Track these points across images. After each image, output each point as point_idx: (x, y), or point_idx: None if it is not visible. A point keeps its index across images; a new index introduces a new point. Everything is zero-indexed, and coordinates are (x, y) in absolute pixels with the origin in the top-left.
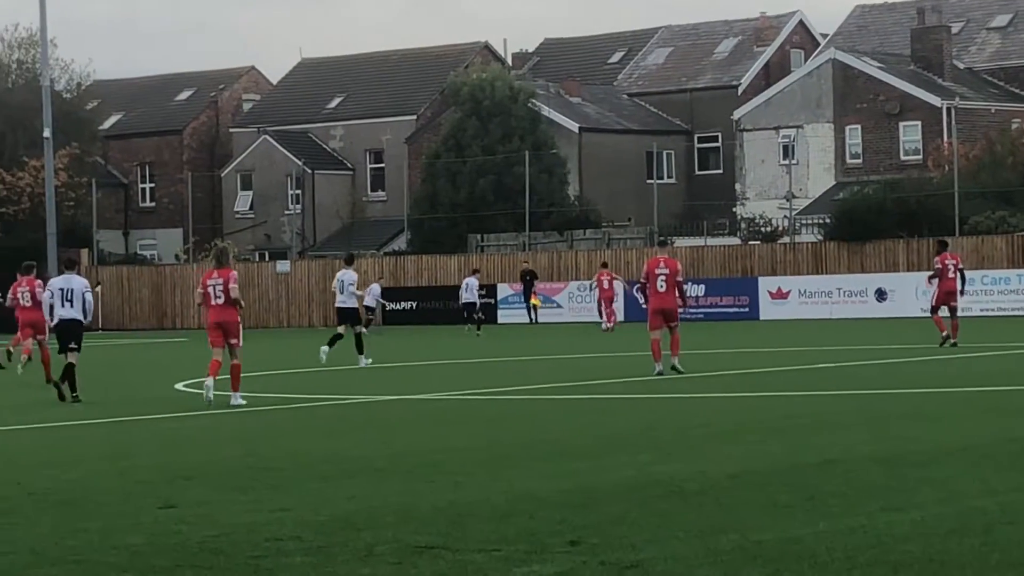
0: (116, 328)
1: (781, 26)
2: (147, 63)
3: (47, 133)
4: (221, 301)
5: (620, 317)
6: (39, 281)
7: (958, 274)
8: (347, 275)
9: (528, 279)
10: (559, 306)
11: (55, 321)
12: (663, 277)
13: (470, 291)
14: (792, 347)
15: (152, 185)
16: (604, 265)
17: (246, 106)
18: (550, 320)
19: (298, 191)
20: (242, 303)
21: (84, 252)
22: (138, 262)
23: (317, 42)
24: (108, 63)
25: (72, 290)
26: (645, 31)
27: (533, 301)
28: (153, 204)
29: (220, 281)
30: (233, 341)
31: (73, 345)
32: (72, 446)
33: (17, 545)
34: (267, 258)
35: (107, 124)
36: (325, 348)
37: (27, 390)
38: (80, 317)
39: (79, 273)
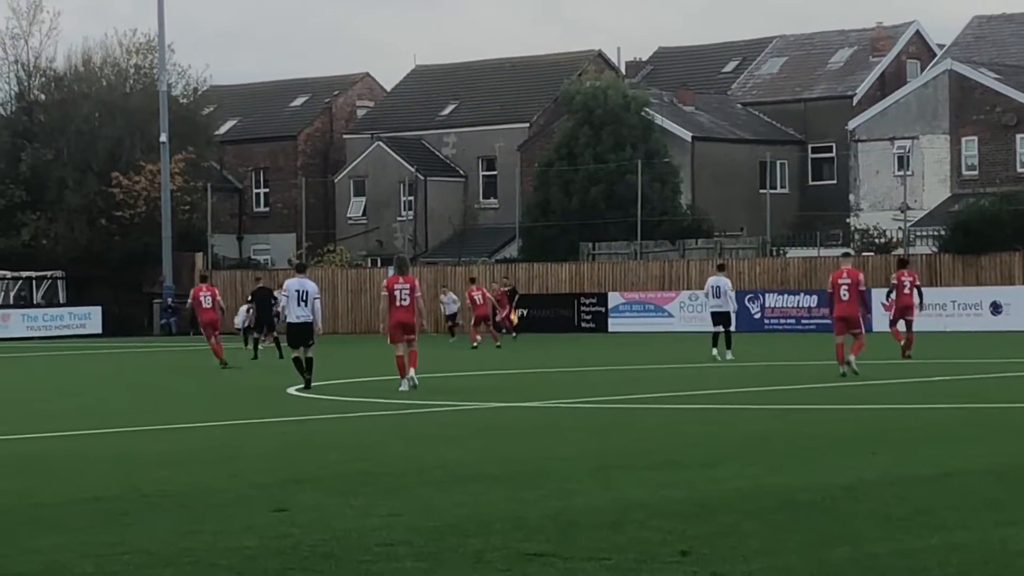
0: (229, 332)
1: (897, 36)
2: (263, 69)
3: (164, 138)
4: (407, 303)
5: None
6: (216, 288)
7: (915, 290)
8: (307, 284)
9: (511, 293)
10: (670, 315)
11: (289, 320)
12: (846, 287)
13: (448, 304)
14: (905, 360)
15: (266, 190)
16: (472, 280)
17: (360, 112)
18: (661, 329)
19: (410, 197)
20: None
21: (198, 256)
22: (251, 266)
23: (431, 49)
24: (224, 68)
25: (307, 292)
26: (759, 40)
27: (513, 316)
28: (267, 209)
29: (407, 286)
30: (411, 337)
31: (311, 342)
32: (185, 448)
33: (132, 546)
34: (379, 264)
35: (223, 129)
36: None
37: (139, 391)
38: (310, 319)
39: (309, 277)
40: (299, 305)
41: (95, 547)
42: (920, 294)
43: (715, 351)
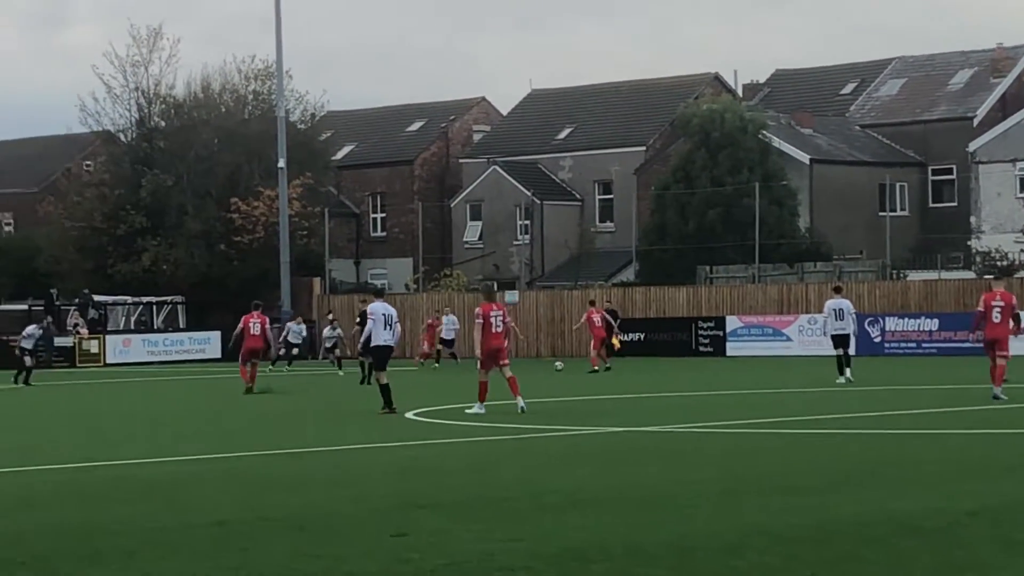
0: (347, 357)
1: (1018, 57)
2: (379, 94)
3: (282, 163)
4: (500, 330)
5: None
6: (265, 316)
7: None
8: (390, 309)
9: (612, 317)
10: (789, 339)
11: (377, 343)
12: (999, 309)
13: (294, 335)
14: None
15: (383, 215)
16: (592, 303)
17: (476, 137)
18: (779, 353)
19: (527, 221)
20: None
21: (316, 281)
22: (369, 291)
23: (547, 73)
24: (341, 94)
25: (392, 316)
26: (878, 62)
27: (614, 341)
28: (384, 234)
29: (500, 313)
30: (506, 363)
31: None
32: (304, 472)
33: (252, 570)
34: (495, 288)
35: (340, 154)
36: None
37: (256, 415)
38: (393, 343)
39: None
40: (385, 328)
41: (217, 571)
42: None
43: (846, 374)
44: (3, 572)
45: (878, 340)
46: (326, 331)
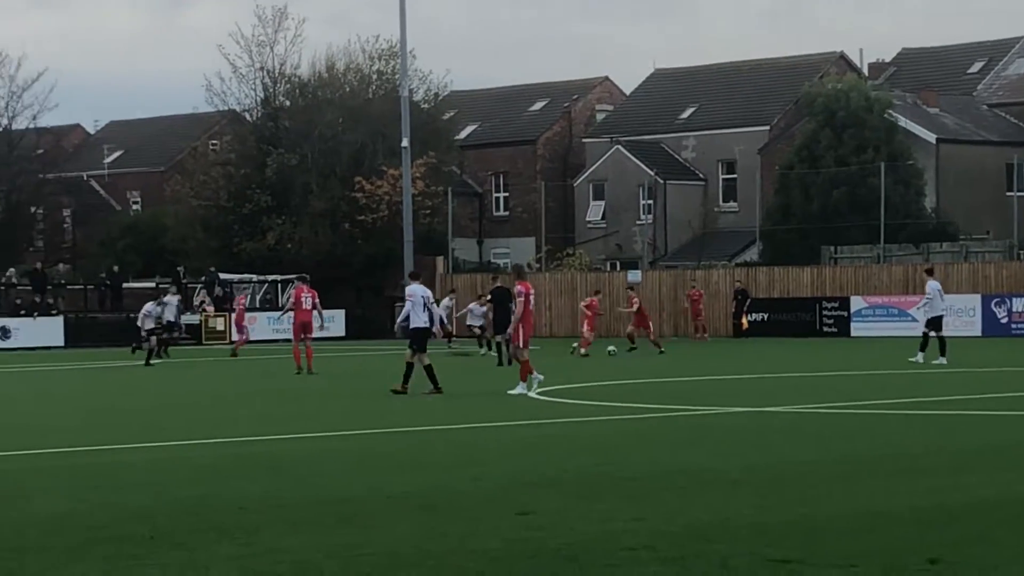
0: (469, 335)
1: None
2: (502, 74)
3: (405, 143)
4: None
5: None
6: (316, 291)
7: None
8: (428, 291)
9: (741, 297)
10: (914, 320)
11: (417, 325)
12: None
13: (169, 309)
14: None
15: (506, 194)
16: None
17: (599, 116)
18: (904, 334)
19: (650, 201)
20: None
21: (439, 260)
22: (491, 270)
23: (670, 53)
24: (465, 74)
25: (429, 297)
26: (1006, 41)
27: (742, 320)
28: (507, 213)
29: (532, 293)
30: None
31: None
32: (427, 451)
33: (377, 547)
34: (618, 268)
35: (463, 134)
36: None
37: (377, 393)
38: (430, 325)
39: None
40: (424, 311)
41: (341, 548)
42: None
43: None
44: (132, 547)
45: (1004, 321)
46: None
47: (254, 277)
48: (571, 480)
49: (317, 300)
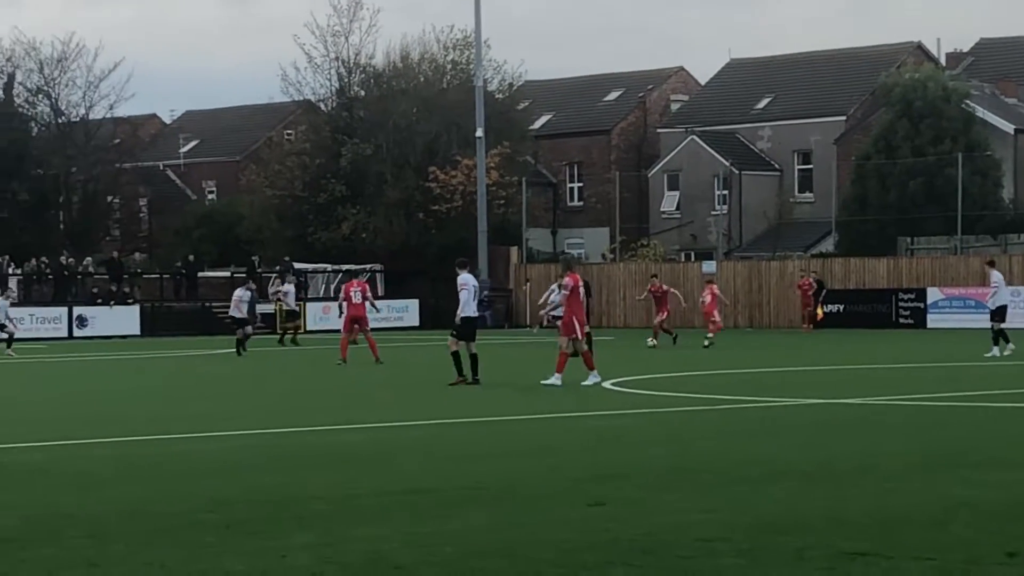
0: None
1: None
2: (576, 64)
3: (480, 132)
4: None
5: None
6: (367, 284)
7: None
8: (476, 281)
9: (817, 288)
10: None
11: (467, 315)
12: None
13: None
14: None
15: (580, 184)
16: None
17: (674, 106)
18: (981, 326)
19: (725, 191)
20: None
21: (513, 250)
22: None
23: (745, 43)
24: (539, 64)
25: (478, 288)
26: None
27: (818, 311)
28: (581, 203)
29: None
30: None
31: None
32: (500, 441)
33: (451, 537)
34: (692, 258)
35: (537, 124)
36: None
37: (444, 385)
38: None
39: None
40: (475, 299)
41: (415, 538)
42: None
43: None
44: (208, 535)
45: None
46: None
47: (328, 267)
48: (644, 471)
49: (368, 291)
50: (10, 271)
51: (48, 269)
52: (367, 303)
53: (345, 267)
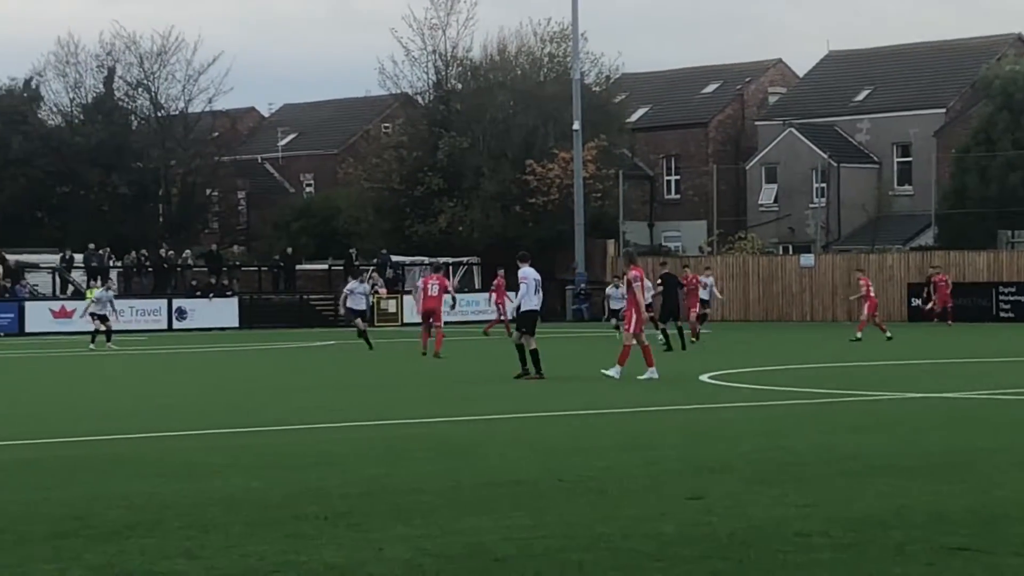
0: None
1: None
2: (674, 56)
3: (576, 125)
4: None
5: None
6: (447, 280)
7: None
8: (537, 275)
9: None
10: None
11: (528, 308)
12: None
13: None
14: None
15: (677, 177)
16: (860, 270)
17: (772, 99)
18: None
19: (823, 184)
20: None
21: (610, 243)
22: (662, 254)
23: (844, 35)
24: (636, 56)
25: (539, 281)
26: None
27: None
28: (678, 196)
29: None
30: None
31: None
32: (598, 434)
33: (551, 529)
34: (790, 251)
35: (634, 117)
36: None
37: (548, 376)
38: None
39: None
40: (536, 293)
41: (515, 530)
42: None
43: None
44: (307, 527)
45: None
46: (609, 290)
47: (425, 259)
48: (742, 465)
49: (447, 284)
50: (111, 263)
51: (148, 261)
52: (445, 296)
53: (442, 260)
